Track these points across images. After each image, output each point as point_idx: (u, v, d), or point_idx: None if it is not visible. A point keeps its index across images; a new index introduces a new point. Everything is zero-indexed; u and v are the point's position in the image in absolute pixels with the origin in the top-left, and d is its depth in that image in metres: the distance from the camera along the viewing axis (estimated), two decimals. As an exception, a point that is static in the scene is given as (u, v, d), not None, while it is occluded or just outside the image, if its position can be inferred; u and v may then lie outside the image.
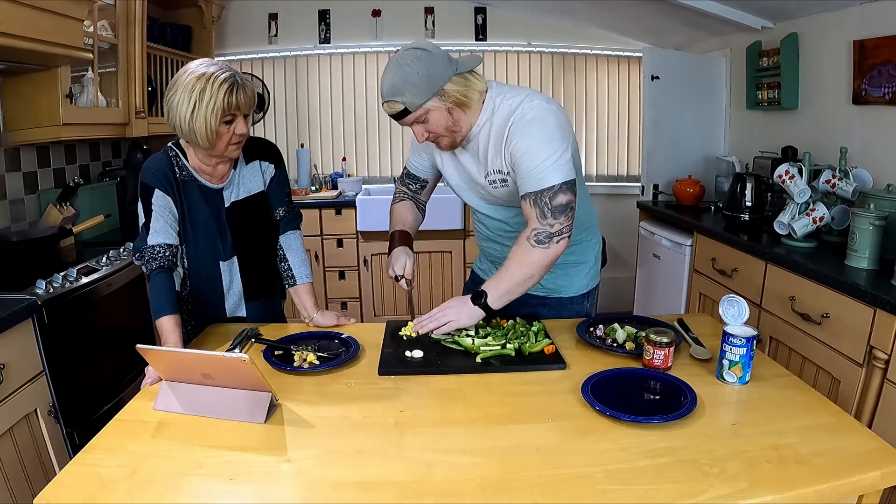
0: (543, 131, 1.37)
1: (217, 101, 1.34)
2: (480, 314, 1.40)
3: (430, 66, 1.34)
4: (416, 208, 1.77)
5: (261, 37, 3.94)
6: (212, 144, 1.40)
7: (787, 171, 2.20)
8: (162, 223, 1.45)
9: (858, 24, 2.33)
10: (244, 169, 1.58)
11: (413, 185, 1.76)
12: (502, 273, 1.40)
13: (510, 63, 4.07)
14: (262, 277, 1.66)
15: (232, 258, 1.59)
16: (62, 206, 2.45)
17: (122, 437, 1.07)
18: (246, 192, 1.58)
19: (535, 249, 1.37)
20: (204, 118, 1.35)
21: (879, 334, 1.65)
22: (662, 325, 1.45)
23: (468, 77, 1.39)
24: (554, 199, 1.36)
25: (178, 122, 1.37)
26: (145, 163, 1.50)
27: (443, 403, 1.19)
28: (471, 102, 1.41)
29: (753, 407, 1.15)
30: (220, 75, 1.36)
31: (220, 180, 1.54)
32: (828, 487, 0.90)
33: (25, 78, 2.19)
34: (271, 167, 1.62)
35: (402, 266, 1.60)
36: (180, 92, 1.35)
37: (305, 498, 0.91)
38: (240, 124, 1.41)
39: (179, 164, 1.49)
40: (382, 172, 4.15)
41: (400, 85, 1.34)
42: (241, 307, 1.64)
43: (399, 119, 1.39)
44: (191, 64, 1.40)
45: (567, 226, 1.38)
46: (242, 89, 1.39)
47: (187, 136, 1.40)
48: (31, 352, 1.66)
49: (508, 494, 0.90)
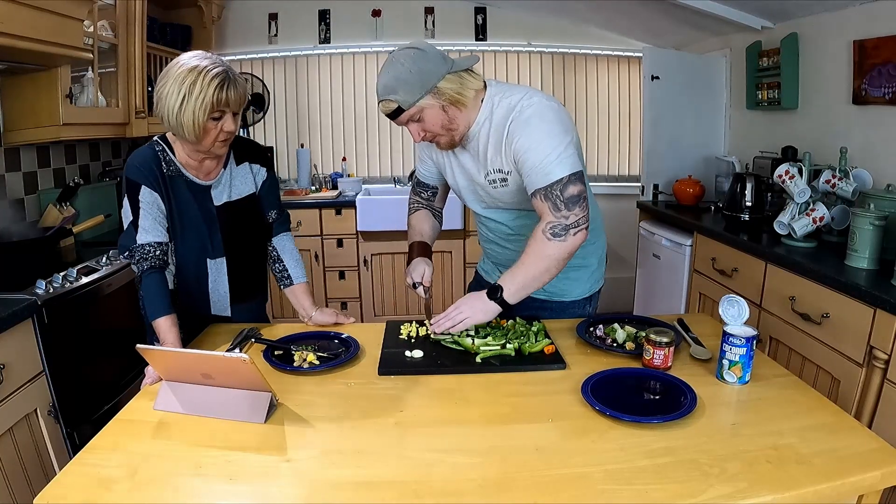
0: (544, 126, 1.36)
1: (206, 95, 1.33)
2: (496, 309, 1.39)
3: (423, 64, 1.33)
4: (433, 216, 1.77)
5: (261, 37, 3.94)
6: (198, 139, 1.38)
7: (787, 171, 2.20)
8: (150, 220, 1.43)
9: (858, 24, 2.33)
10: (235, 170, 1.57)
11: (424, 192, 1.76)
12: (518, 267, 1.38)
13: (510, 63, 4.07)
14: (248, 279, 1.65)
15: (221, 257, 1.56)
16: (62, 206, 2.45)
17: (122, 437, 1.07)
18: (238, 193, 1.57)
19: (552, 242, 1.36)
20: (192, 112, 1.33)
21: (879, 334, 1.65)
22: (662, 325, 1.45)
23: (463, 75, 1.39)
24: (565, 190, 1.35)
25: (165, 114, 1.36)
26: (129, 158, 1.46)
27: (443, 403, 1.19)
28: (466, 101, 1.40)
29: (753, 407, 1.15)
30: (212, 70, 1.34)
31: (207, 176, 1.52)
32: (828, 487, 0.90)
33: (25, 78, 2.19)
34: (263, 170, 1.62)
35: (420, 274, 1.61)
36: (170, 83, 1.34)
37: (305, 498, 0.91)
38: (228, 121, 1.39)
39: (167, 158, 1.47)
40: (382, 172, 4.15)
41: (393, 83, 1.34)
42: (226, 307, 1.61)
43: (394, 118, 1.39)
44: (184, 55, 1.37)
45: (583, 216, 1.37)
46: (233, 86, 1.37)
47: (174, 129, 1.38)
48: (31, 352, 1.66)
49: (508, 494, 0.90)
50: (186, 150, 1.47)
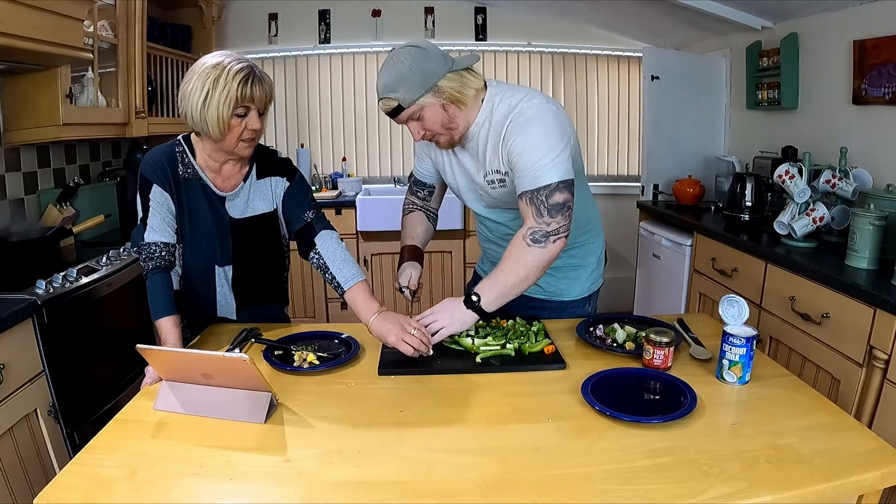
0: (541, 129, 1.36)
1: (231, 90, 1.31)
2: (473, 318, 1.37)
3: (423, 63, 1.33)
4: (427, 218, 1.75)
5: (261, 37, 3.94)
6: (223, 136, 1.36)
7: (787, 171, 2.20)
8: (159, 220, 1.43)
9: (858, 24, 2.33)
10: (255, 185, 1.53)
11: (421, 191, 1.75)
12: (497, 274, 1.37)
13: (510, 63, 4.07)
14: (257, 289, 1.62)
15: (228, 265, 1.54)
16: (62, 206, 2.45)
17: (122, 437, 1.07)
18: (253, 210, 1.52)
19: (532, 249, 1.35)
20: (216, 107, 1.32)
21: (879, 334, 1.65)
22: (662, 325, 1.45)
23: (464, 74, 1.39)
24: (550, 197, 1.34)
25: (189, 111, 1.35)
26: (147, 154, 1.45)
27: (443, 403, 1.19)
28: (466, 99, 1.40)
29: (753, 407, 1.15)
30: (236, 65, 1.33)
31: (226, 184, 1.50)
32: (828, 487, 0.90)
33: (25, 78, 2.18)
34: (283, 181, 1.54)
35: (406, 278, 1.61)
36: (195, 80, 1.33)
37: (305, 498, 0.91)
38: (253, 118, 1.37)
39: (185, 160, 1.46)
40: (382, 172, 4.15)
41: (393, 81, 1.34)
42: (231, 312, 1.60)
43: (394, 116, 1.38)
44: (208, 55, 1.37)
45: (564, 225, 1.36)
46: (258, 82, 1.35)
47: (198, 126, 1.36)
48: (31, 352, 1.66)
49: (508, 494, 0.90)
50: (209, 150, 1.45)
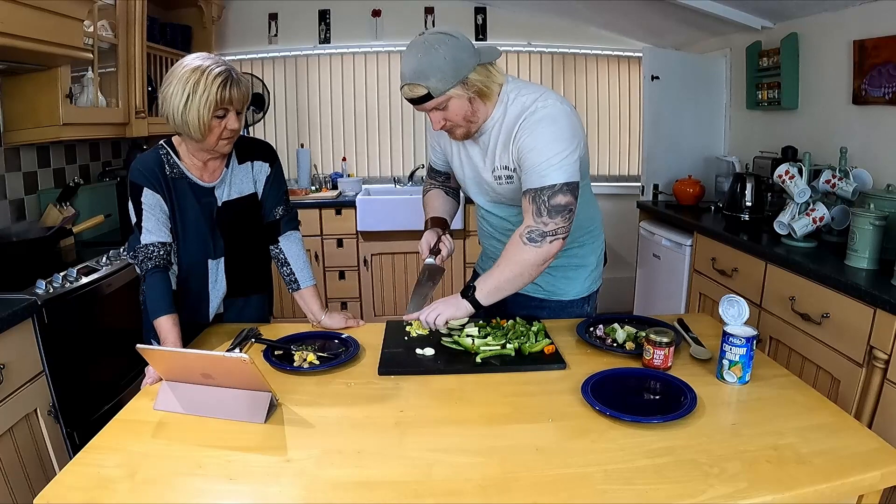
0: (553, 129, 1.36)
1: (210, 94, 1.35)
2: (468, 307, 1.40)
3: (457, 53, 1.32)
4: (446, 193, 1.76)
5: (261, 37, 3.94)
6: (204, 137, 1.41)
7: (787, 171, 2.20)
8: (153, 221, 1.45)
9: (858, 24, 2.33)
10: (236, 169, 1.57)
11: (438, 178, 1.77)
12: (493, 269, 1.40)
13: (510, 63, 4.07)
14: (245, 278, 1.65)
15: (220, 258, 1.58)
16: (62, 206, 2.45)
17: (122, 437, 1.07)
18: (238, 192, 1.57)
19: (527, 247, 1.37)
20: (197, 110, 1.36)
21: (879, 334, 1.65)
22: (662, 325, 1.45)
23: (489, 68, 1.38)
24: (553, 198, 1.35)
25: (171, 114, 1.39)
26: (134, 161, 1.49)
27: (443, 403, 1.19)
28: (491, 94, 1.40)
29: (753, 407, 1.15)
30: (215, 69, 1.37)
31: (212, 177, 1.53)
32: (828, 487, 0.90)
33: (25, 78, 2.18)
34: (265, 165, 1.61)
35: (427, 246, 1.60)
36: (175, 83, 1.37)
37: (305, 498, 0.91)
38: (231, 119, 1.42)
39: (170, 161, 1.49)
40: (382, 172, 4.15)
41: (426, 68, 1.31)
42: (221, 305, 1.63)
43: (418, 104, 1.36)
44: (187, 57, 1.40)
45: (563, 227, 1.37)
46: (236, 84, 1.40)
47: (180, 128, 1.41)
48: (31, 352, 1.66)
49: (508, 494, 0.90)
50: (192, 150, 1.49)
